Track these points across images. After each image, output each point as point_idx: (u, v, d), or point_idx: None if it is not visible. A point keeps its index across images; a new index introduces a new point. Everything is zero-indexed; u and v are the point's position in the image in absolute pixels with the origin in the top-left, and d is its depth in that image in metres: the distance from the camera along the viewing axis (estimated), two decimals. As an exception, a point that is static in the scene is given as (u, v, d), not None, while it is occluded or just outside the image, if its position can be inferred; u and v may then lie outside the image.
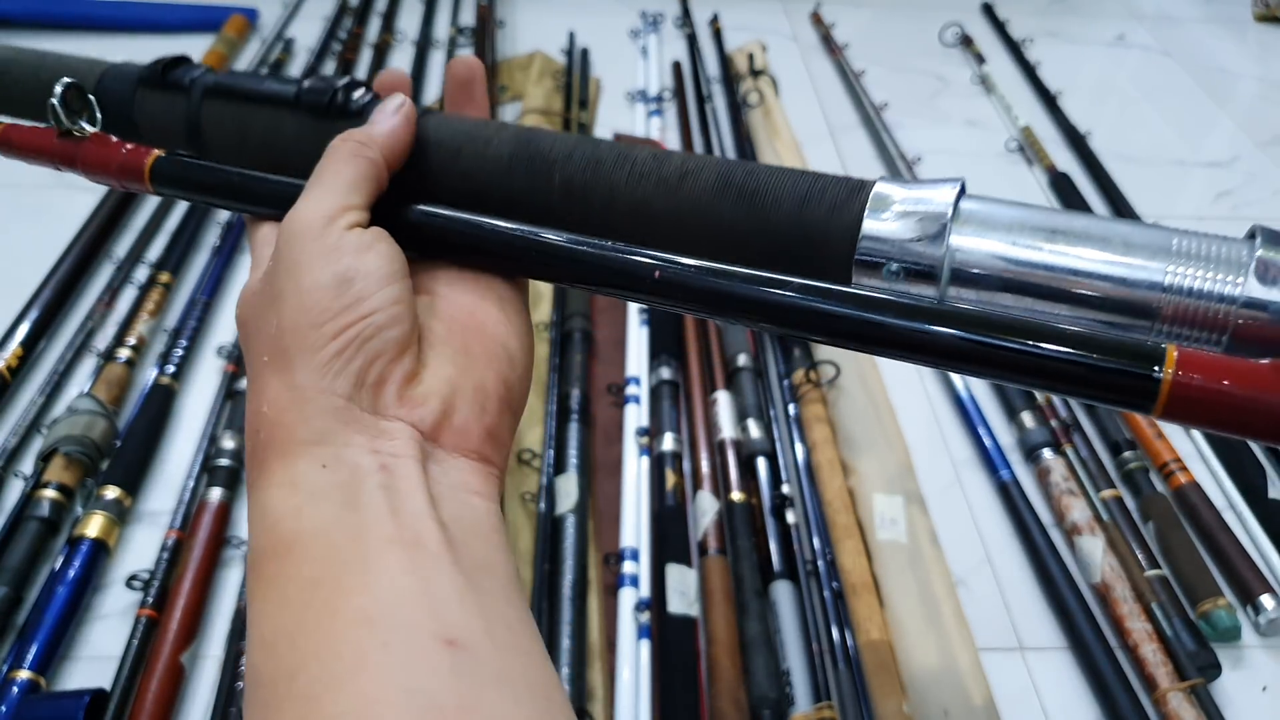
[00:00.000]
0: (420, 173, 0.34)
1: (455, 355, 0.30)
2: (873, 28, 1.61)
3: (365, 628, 0.24)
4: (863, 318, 0.27)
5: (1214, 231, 0.26)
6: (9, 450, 0.79)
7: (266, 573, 0.26)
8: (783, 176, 0.31)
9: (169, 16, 1.45)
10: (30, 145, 0.38)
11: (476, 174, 0.33)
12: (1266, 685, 0.71)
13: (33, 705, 0.61)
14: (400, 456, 0.27)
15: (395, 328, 0.29)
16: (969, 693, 0.68)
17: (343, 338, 0.28)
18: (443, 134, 0.34)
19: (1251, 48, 1.67)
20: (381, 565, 0.25)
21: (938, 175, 1.17)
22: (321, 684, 0.23)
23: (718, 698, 0.66)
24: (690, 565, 0.74)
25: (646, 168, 0.32)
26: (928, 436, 0.89)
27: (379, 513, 0.26)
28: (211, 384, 0.87)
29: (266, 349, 0.29)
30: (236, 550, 0.74)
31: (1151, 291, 0.26)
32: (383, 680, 0.23)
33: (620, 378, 0.90)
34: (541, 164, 0.33)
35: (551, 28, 1.47)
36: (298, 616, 0.24)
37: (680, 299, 0.29)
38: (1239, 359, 0.24)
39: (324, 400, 0.27)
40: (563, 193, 0.33)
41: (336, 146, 0.32)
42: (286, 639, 0.24)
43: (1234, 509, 0.83)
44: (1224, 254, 0.25)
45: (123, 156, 0.36)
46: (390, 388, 0.29)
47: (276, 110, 0.35)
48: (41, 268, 0.94)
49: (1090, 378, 0.25)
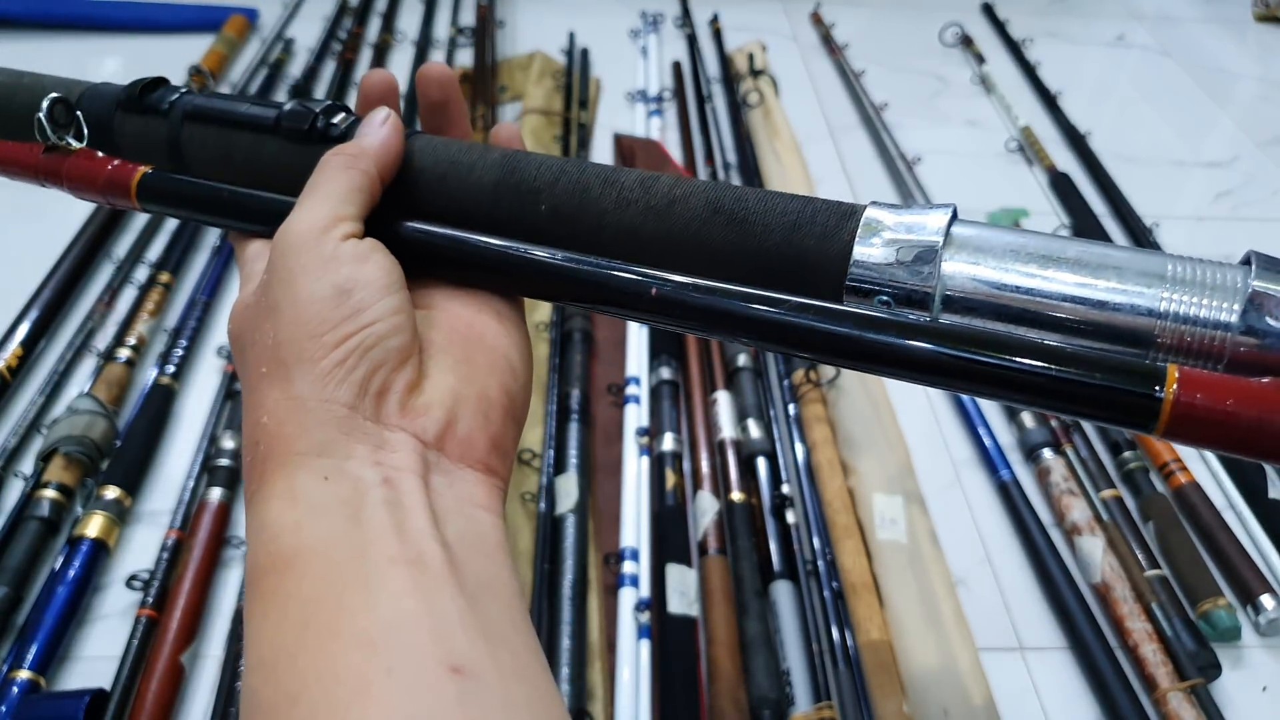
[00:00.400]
0: (406, 197, 0.33)
1: (456, 365, 0.30)
2: (873, 28, 1.61)
3: (367, 651, 0.23)
4: (861, 336, 0.27)
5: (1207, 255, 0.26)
6: (9, 450, 0.79)
7: (265, 588, 0.25)
8: (772, 202, 0.30)
9: (169, 16, 1.45)
10: (13, 160, 0.37)
11: (462, 199, 0.33)
12: (1266, 685, 0.71)
13: (33, 705, 0.61)
14: (403, 471, 0.27)
15: (396, 337, 0.29)
16: (969, 693, 0.68)
17: (344, 347, 0.28)
18: (427, 159, 0.34)
19: (1251, 48, 1.67)
20: (384, 586, 0.24)
21: (937, 175, 1.16)
22: (324, 708, 0.22)
23: (718, 698, 0.66)
24: (690, 565, 0.74)
25: (634, 194, 0.31)
26: (928, 436, 0.89)
27: (382, 530, 0.26)
28: (211, 384, 0.88)
29: (264, 361, 0.28)
30: (236, 550, 0.74)
31: (1146, 318, 0.25)
32: (387, 708, 0.22)
33: (620, 378, 0.90)
34: (528, 190, 0.32)
35: (551, 28, 1.47)
36: (296, 636, 0.24)
37: (677, 316, 0.29)
38: (1240, 379, 0.24)
39: (325, 410, 0.27)
40: (550, 218, 0.32)
41: (328, 160, 0.32)
42: (286, 658, 0.24)
43: (1234, 509, 0.83)
44: (1219, 280, 0.25)
45: (109, 172, 0.36)
46: (393, 397, 0.28)
47: (257, 134, 0.35)
48: (41, 268, 0.94)
49: (1092, 397, 0.25)
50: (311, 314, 0.28)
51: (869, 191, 1.23)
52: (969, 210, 1.20)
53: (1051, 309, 0.26)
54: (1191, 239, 1.17)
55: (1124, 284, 0.26)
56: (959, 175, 1.26)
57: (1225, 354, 0.25)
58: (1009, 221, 1.14)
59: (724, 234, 0.30)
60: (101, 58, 1.40)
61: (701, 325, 0.29)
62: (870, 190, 1.23)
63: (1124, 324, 0.26)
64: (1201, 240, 1.18)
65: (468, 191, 0.33)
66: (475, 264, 0.32)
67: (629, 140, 1.21)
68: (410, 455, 0.28)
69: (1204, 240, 1.18)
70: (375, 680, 0.23)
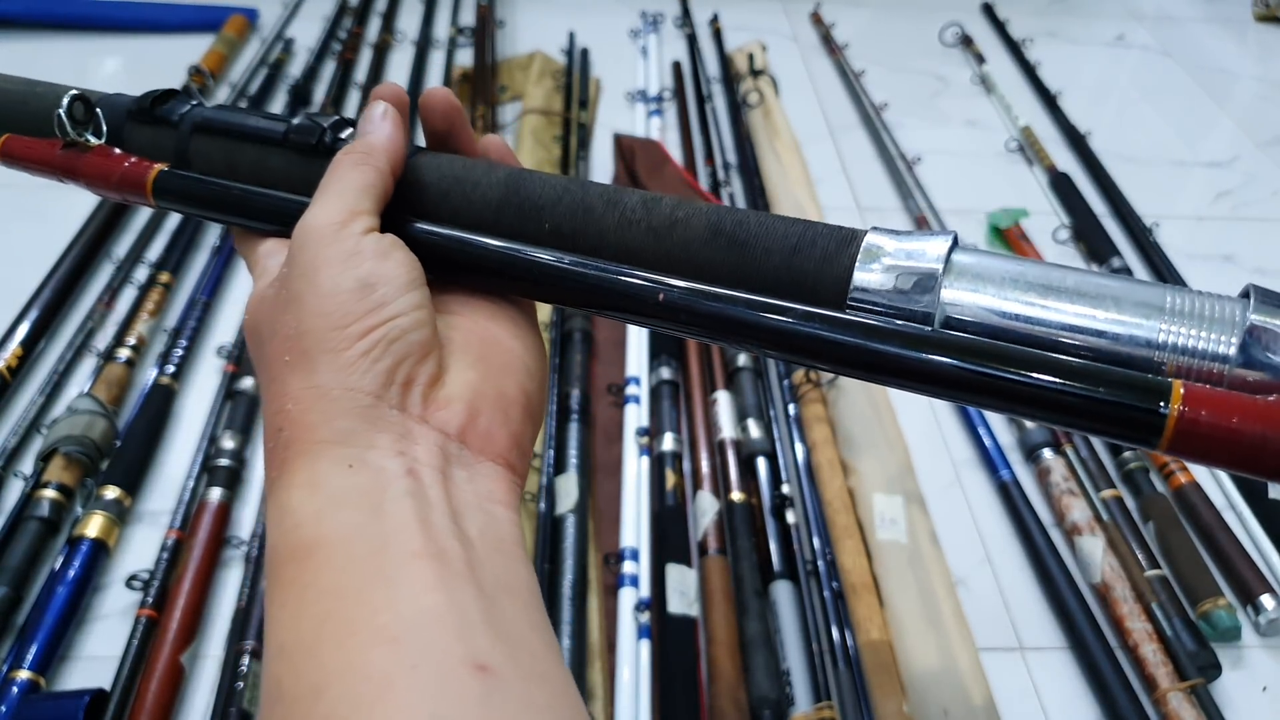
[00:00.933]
0: (409, 210, 0.34)
1: (475, 363, 0.30)
2: (873, 28, 1.61)
3: (390, 647, 0.23)
4: (865, 345, 0.27)
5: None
6: (9, 450, 0.79)
7: (285, 576, 0.25)
8: (773, 226, 0.31)
9: (169, 16, 1.45)
10: (32, 155, 0.38)
11: (465, 215, 0.34)
12: (1266, 685, 0.71)
13: (33, 705, 0.61)
14: (424, 464, 0.27)
15: (419, 331, 0.29)
16: (969, 693, 0.68)
17: (369, 339, 0.28)
18: (431, 174, 0.34)
19: (1251, 48, 1.67)
20: (405, 580, 0.24)
21: (938, 175, 1.16)
22: (347, 705, 0.22)
23: (718, 698, 0.66)
24: (690, 565, 0.74)
25: (636, 214, 0.32)
26: (928, 436, 0.89)
27: (405, 523, 0.25)
28: (211, 384, 0.87)
29: (286, 350, 0.28)
30: (236, 550, 0.74)
31: (1146, 349, 0.26)
32: (411, 706, 0.22)
33: (620, 378, 0.90)
34: (531, 208, 0.33)
35: (551, 28, 1.47)
36: (316, 628, 0.24)
37: (685, 323, 0.29)
38: (1246, 396, 0.24)
39: (349, 399, 0.27)
40: (552, 236, 0.33)
41: (340, 159, 0.32)
42: (305, 651, 0.24)
43: (1234, 509, 0.83)
44: (1217, 313, 0.25)
45: (125, 169, 0.36)
46: (417, 389, 0.28)
47: (264, 147, 0.35)
48: (41, 268, 0.94)
49: (1095, 410, 0.25)
50: (335, 306, 0.28)
51: (869, 191, 1.23)
52: (969, 210, 1.21)
53: (1051, 337, 0.26)
54: (1191, 239, 1.17)
55: (1123, 314, 0.26)
56: (959, 175, 1.26)
57: (1224, 385, 0.25)
58: (1009, 221, 1.14)
59: (724, 256, 0.31)
60: (101, 58, 1.40)
61: (709, 331, 0.29)
62: (870, 190, 1.23)
63: (1124, 354, 0.26)
64: (1202, 240, 1.18)
65: (471, 207, 0.33)
66: (484, 267, 0.32)
67: (629, 140, 1.21)
68: (432, 448, 0.28)
69: (1204, 240, 1.18)
70: (399, 677, 0.22)
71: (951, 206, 1.18)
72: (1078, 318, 0.26)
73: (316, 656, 0.23)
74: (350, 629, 0.23)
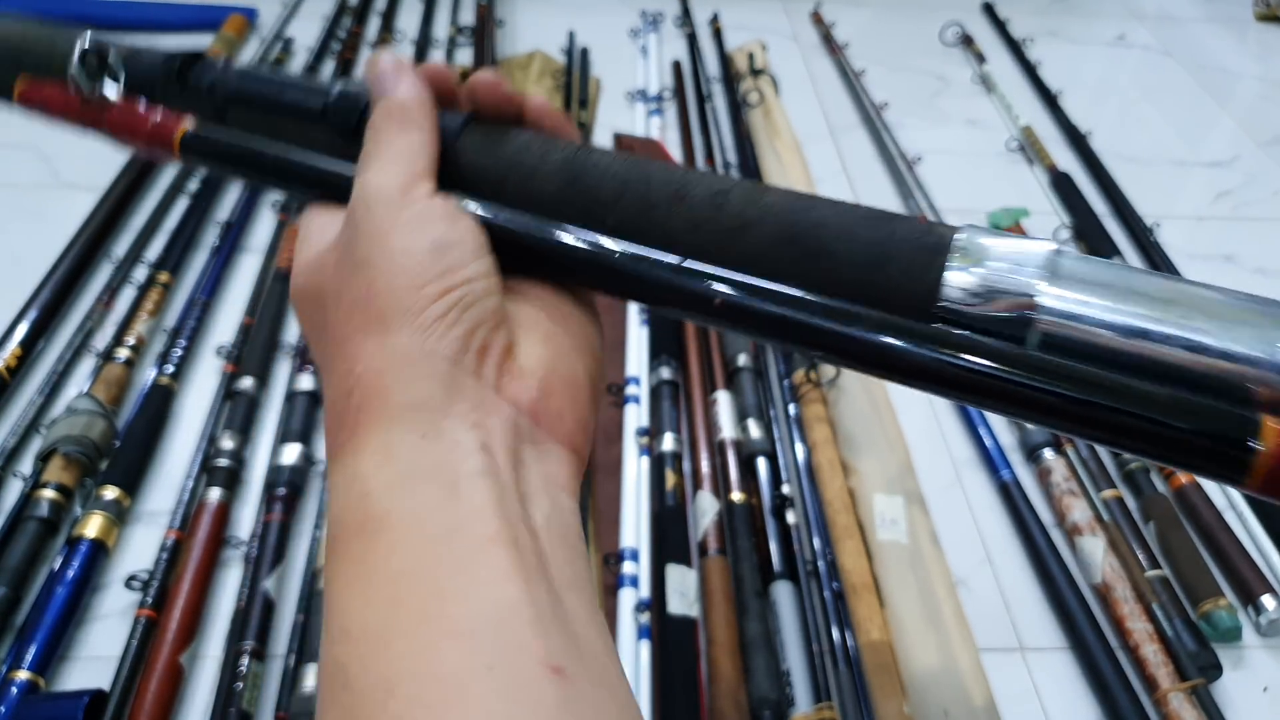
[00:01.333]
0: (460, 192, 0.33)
1: (544, 340, 0.29)
2: (873, 27, 1.61)
3: (465, 642, 0.21)
4: (943, 360, 0.25)
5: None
6: (8, 450, 0.78)
7: (351, 552, 0.24)
8: (854, 231, 0.29)
9: (168, 16, 1.45)
10: (55, 103, 0.36)
11: (521, 205, 0.32)
12: (1267, 686, 0.71)
13: (32, 705, 0.61)
14: (498, 441, 0.26)
15: (491, 298, 0.28)
16: (969, 693, 0.68)
17: (446, 299, 0.27)
18: (485, 156, 0.33)
19: (1252, 48, 1.67)
20: (482, 569, 0.23)
21: (938, 175, 1.16)
22: (421, 706, 0.21)
23: (718, 698, 0.66)
24: (690, 565, 0.74)
25: (702, 215, 0.30)
26: (928, 436, 0.89)
27: (481, 504, 0.24)
28: (211, 384, 0.87)
29: (356, 313, 0.27)
30: (236, 550, 0.74)
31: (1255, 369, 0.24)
32: (488, 711, 0.20)
33: (620, 378, 0.90)
34: (592, 203, 0.31)
35: (551, 27, 1.47)
36: (385, 615, 0.22)
37: (748, 326, 0.28)
38: None
39: (427, 363, 0.26)
40: (614, 233, 0.31)
41: (381, 124, 0.31)
42: (374, 639, 0.22)
43: (1235, 509, 0.83)
44: None
45: (151, 128, 0.35)
46: (492, 358, 0.27)
47: (300, 122, 0.34)
48: (41, 268, 0.94)
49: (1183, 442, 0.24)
50: (410, 265, 0.27)
51: (869, 191, 1.23)
52: (970, 210, 1.21)
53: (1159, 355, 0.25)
54: (1192, 239, 1.17)
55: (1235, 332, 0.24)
56: (959, 175, 1.25)
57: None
58: (1010, 221, 1.14)
59: (797, 265, 0.29)
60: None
61: (774, 336, 0.28)
62: (870, 190, 1.23)
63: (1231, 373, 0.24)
64: (1202, 240, 1.18)
65: (529, 201, 0.32)
66: (543, 253, 0.31)
67: (629, 139, 1.21)
68: (506, 421, 0.27)
69: (1205, 240, 1.18)
70: (475, 680, 0.21)
71: (952, 206, 1.17)
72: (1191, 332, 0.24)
73: (388, 648, 0.22)
74: (422, 618, 0.22)
